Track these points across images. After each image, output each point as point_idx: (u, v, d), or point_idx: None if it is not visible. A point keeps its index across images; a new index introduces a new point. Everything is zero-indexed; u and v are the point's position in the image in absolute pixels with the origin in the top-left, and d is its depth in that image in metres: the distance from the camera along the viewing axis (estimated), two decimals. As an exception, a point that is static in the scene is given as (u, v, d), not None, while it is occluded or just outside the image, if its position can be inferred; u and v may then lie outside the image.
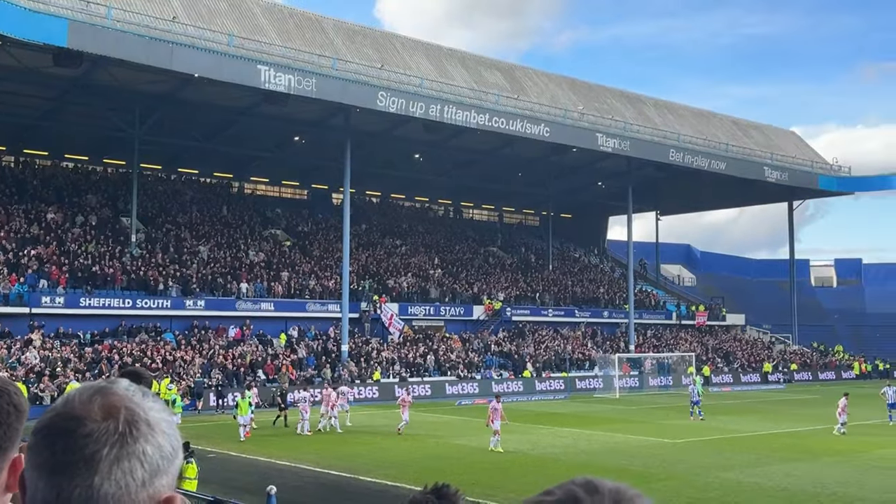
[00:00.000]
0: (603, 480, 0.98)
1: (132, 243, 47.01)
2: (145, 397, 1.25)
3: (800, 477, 21.45)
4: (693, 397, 36.36)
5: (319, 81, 41.91)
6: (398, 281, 55.17)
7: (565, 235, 75.75)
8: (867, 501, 18.34)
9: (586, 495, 0.94)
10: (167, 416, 1.26)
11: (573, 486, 0.96)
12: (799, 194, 69.69)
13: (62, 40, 34.67)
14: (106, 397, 1.21)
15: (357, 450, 26.23)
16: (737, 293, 78.43)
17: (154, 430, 1.21)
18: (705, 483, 20.60)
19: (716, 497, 18.96)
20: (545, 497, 0.96)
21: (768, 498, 18.79)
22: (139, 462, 1.18)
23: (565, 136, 52.23)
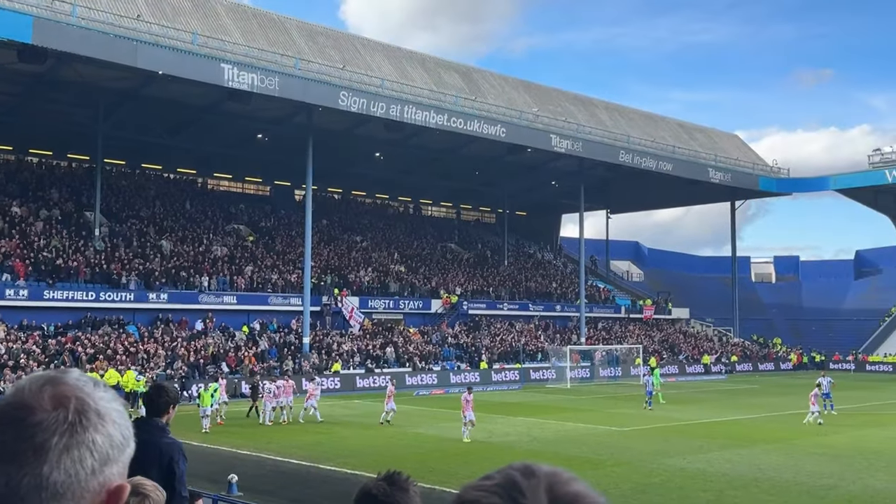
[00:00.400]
0: (540, 465, 0.99)
1: (96, 237, 46.16)
2: (96, 387, 1.24)
3: (739, 463, 21.85)
4: (648, 387, 36.62)
5: (282, 80, 41.57)
6: (358, 275, 54.97)
7: (520, 232, 76.21)
8: (802, 485, 18.75)
9: (523, 479, 0.96)
10: (118, 406, 1.24)
11: (511, 470, 0.98)
12: (741, 195, 70.93)
13: (27, 37, 33.94)
14: (56, 387, 1.19)
15: (317, 439, 26.11)
16: (682, 288, 79.60)
17: (104, 420, 1.19)
18: (650, 469, 20.88)
19: (660, 482, 19.24)
20: (484, 481, 0.97)
21: (709, 483, 19.12)
22: (88, 451, 1.16)
23: (520, 137, 52.51)
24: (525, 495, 0.94)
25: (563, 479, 0.96)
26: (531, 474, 0.96)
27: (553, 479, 0.96)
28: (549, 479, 0.96)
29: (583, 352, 56.27)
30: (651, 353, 59.51)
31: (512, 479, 0.95)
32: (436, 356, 50.74)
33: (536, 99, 59.19)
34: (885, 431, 28.29)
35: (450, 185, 68.17)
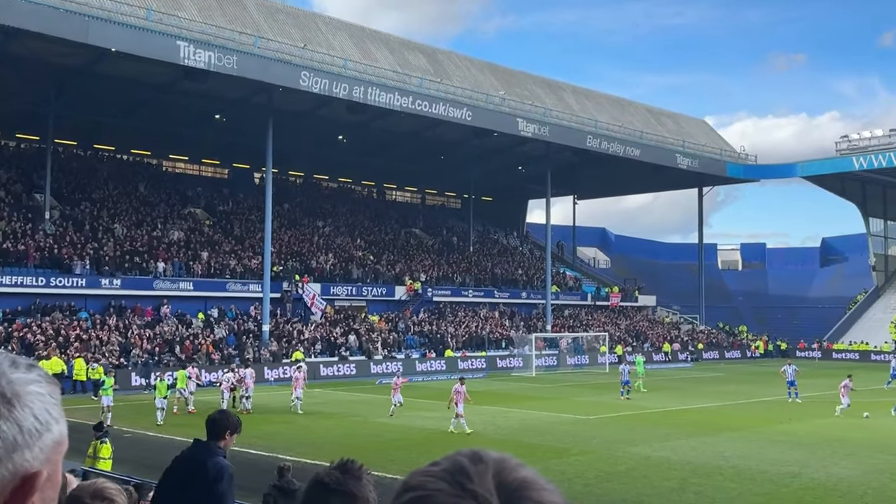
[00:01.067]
0: (488, 451, 0.99)
1: (46, 221, 45.28)
2: (14, 368, 1.18)
3: (704, 451, 22.15)
4: (624, 377, 36.28)
5: (241, 59, 41.04)
6: (320, 261, 54.65)
7: (486, 218, 76.28)
8: (766, 473, 19.05)
9: (471, 464, 0.96)
10: (37, 389, 1.19)
11: (459, 456, 0.99)
12: (708, 181, 71.68)
13: (-30, 9, 33.04)
14: None
15: (277, 428, 25.96)
16: (649, 275, 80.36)
17: (12, 405, 1.15)
18: (615, 457, 21.09)
19: (625, 470, 19.43)
20: (432, 467, 0.98)
21: (674, 471, 19.36)
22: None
23: (487, 121, 52.48)
24: (472, 480, 0.94)
25: (510, 466, 0.97)
26: (479, 460, 0.97)
27: (501, 465, 0.97)
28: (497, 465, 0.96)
29: (549, 339, 56.64)
30: (617, 341, 60.05)
31: (459, 465, 0.97)
32: (399, 344, 50.69)
33: (503, 82, 59.15)
34: (849, 420, 28.86)
35: (414, 170, 67.97)
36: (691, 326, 72.18)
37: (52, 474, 1.19)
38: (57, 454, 1.21)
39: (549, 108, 58.51)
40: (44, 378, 1.22)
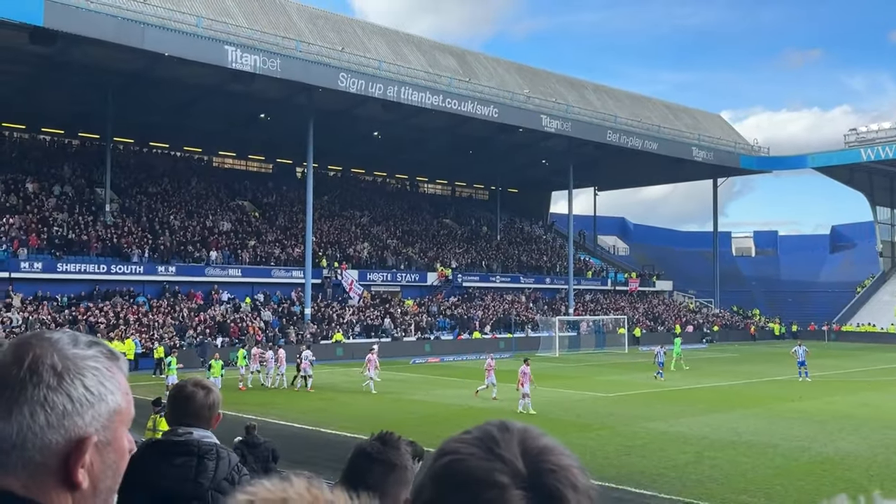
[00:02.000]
0: (514, 422, 1.07)
1: (106, 213, 46.07)
2: (73, 345, 1.24)
3: (718, 427, 22.10)
4: (659, 358, 35.24)
5: (284, 62, 41.36)
6: (357, 249, 55.02)
7: (512, 208, 76.24)
8: (777, 447, 19.01)
9: (499, 432, 1.03)
10: (93, 363, 1.23)
11: (488, 425, 1.06)
12: (722, 172, 70.96)
13: (38, 19, 33.67)
14: (23, 346, 1.22)
15: (320, 405, 26.31)
16: (666, 262, 79.84)
17: (62, 377, 1.20)
18: (634, 432, 21.12)
19: (642, 444, 19.47)
20: (465, 435, 1.05)
21: (689, 445, 19.37)
22: (40, 406, 1.17)
23: (512, 117, 52.41)
24: (500, 446, 1.01)
25: (534, 434, 1.04)
26: (506, 429, 1.04)
27: (525, 433, 1.04)
28: (522, 433, 1.03)
29: (571, 322, 56.57)
30: (636, 324, 59.84)
31: (489, 432, 1.03)
32: (431, 326, 50.96)
33: (528, 81, 58.94)
34: (855, 397, 28.60)
35: (445, 164, 68.07)
36: (706, 310, 71.64)
37: (111, 440, 1.24)
38: (116, 423, 1.25)
39: (571, 105, 58.22)
40: (103, 354, 1.26)
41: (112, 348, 1.30)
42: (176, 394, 3.42)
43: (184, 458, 3.16)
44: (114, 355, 1.28)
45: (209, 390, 3.41)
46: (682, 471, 16.59)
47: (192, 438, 3.22)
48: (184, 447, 3.19)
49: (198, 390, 3.37)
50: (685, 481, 15.58)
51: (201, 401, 3.35)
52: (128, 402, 1.28)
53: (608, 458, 17.85)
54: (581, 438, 19.89)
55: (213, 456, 3.21)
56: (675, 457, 17.99)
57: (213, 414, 3.39)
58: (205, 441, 3.25)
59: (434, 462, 1.04)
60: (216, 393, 3.45)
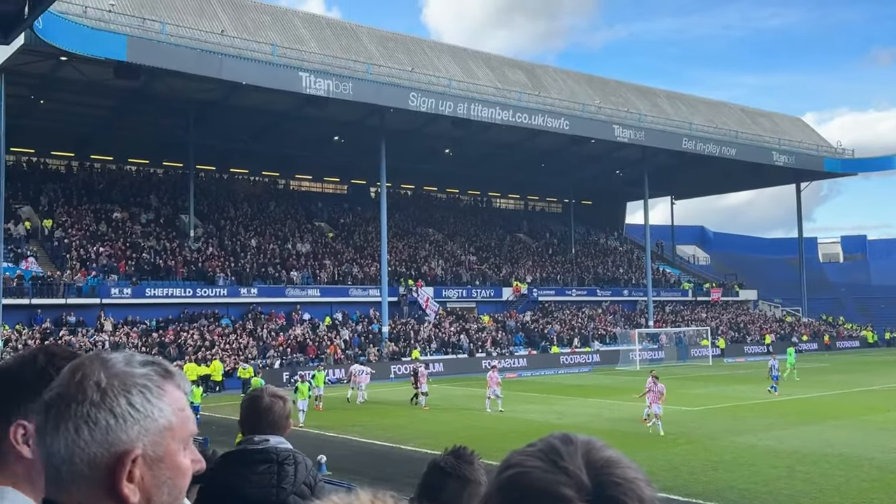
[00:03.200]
0: (577, 434, 1.06)
1: (190, 238, 47.68)
2: (127, 364, 1.28)
3: (809, 439, 21.30)
4: (773, 371, 33.46)
5: (355, 85, 42.15)
6: (432, 266, 55.37)
7: (586, 221, 75.48)
8: (872, 460, 18.19)
9: (563, 445, 1.03)
10: (142, 381, 1.27)
11: (551, 438, 1.06)
12: (805, 176, 68.74)
13: (122, 55, 35.24)
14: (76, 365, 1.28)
15: (398, 422, 26.49)
16: (749, 270, 77.57)
17: (105, 394, 1.24)
18: (721, 447, 20.54)
19: (730, 459, 18.92)
20: (528, 448, 1.05)
21: (780, 459, 18.72)
22: (83, 422, 1.22)
23: (584, 129, 52.02)
24: (564, 458, 1.01)
25: (597, 446, 1.03)
26: (569, 441, 1.04)
27: (589, 446, 1.03)
28: (586, 445, 1.03)
29: (651, 335, 55.48)
30: (720, 335, 58.31)
31: (552, 445, 1.03)
32: (508, 342, 50.78)
33: (598, 91, 58.46)
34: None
35: (517, 178, 67.97)
36: (794, 319, 69.24)
37: (163, 456, 1.26)
38: (167, 439, 1.27)
39: (643, 114, 57.43)
40: (156, 373, 1.29)
41: (168, 366, 1.33)
42: (252, 404, 3.47)
43: (265, 466, 3.25)
44: (168, 373, 1.31)
45: (285, 400, 3.51)
46: (773, 486, 16.04)
47: (270, 446, 3.31)
48: (264, 454, 3.28)
49: (276, 401, 3.45)
50: (777, 497, 15.05)
51: (279, 411, 3.43)
52: (181, 419, 1.29)
53: (694, 473, 17.40)
54: (665, 454, 19.46)
55: (292, 461, 3.29)
56: (765, 471, 17.40)
57: (289, 423, 3.49)
58: (282, 447, 3.34)
59: (498, 475, 1.04)
60: (289, 402, 3.56)
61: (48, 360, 1.59)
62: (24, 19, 19.08)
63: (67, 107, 45.25)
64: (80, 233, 44.38)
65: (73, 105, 44.97)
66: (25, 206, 45.91)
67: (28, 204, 46.17)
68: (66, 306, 39.30)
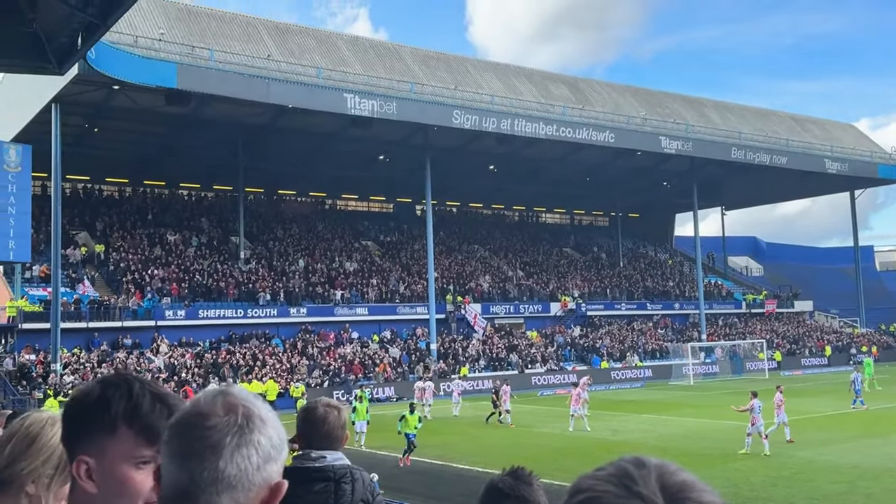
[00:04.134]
0: (650, 457, 1.05)
1: (241, 259, 48.50)
2: (256, 399, 1.40)
3: (871, 453, 20.69)
4: (857, 385, 32.20)
5: (400, 105, 42.54)
6: (479, 282, 55.34)
7: (634, 233, 74.72)
8: (940, 476, 17.59)
9: (635, 469, 1.01)
10: (274, 415, 1.39)
11: (623, 462, 1.04)
12: (859, 183, 67.08)
13: (172, 82, 36.17)
14: (226, 397, 1.36)
15: (449, 440, 26.46)
16: (804, 281, 75.80)
17: (266, 424, 1.35)
18: (780, 462, 20.08)
19: (790, 475, 18.48)
20: (599, 472, 1.04)
21: (841, 474, 18.22)
22: (255, 449, 1.31)
23: (629, 141, 51.63)
24: (637, 483, 0.99)
25: (671, 470, 1.01)
26: (642, 465, 1.02)
27: (662, 469, 1.01)
28: (659, 469, 1.01)
29: (704, 348, 54.53)
30: (775, 348, 57.05)
31: (624, 469, 1.01)
32: (557, 357, 50.40)
33: (644, 103, 57.99)
34: None
35: (562, 192, 67.67)
36: (851, 330, 67.40)
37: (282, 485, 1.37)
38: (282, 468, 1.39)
39: (690, 124, 56.75)
40: (272, 409, 1.41)
41: None
42: (308, 416, 3.47)
43: (322, 484, 3.26)
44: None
45: (340, 410, 3.52)
46: (834, 502, 15.62)
47: (327, 463, 3.32)
48: (321, 473, 3.29)
49: (331, 411, 3.46)
50: (838, 514, 14.64)
51: (334, 421, 3.43)
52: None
53: (754, 489, 17.04)
54: (722, 470, 19.10)
55: (349, 479, 3.30)
56: (826, 487, 16.96)
57: (344, 434, 3.49)
58: (338, 464, 3.34)
59: (569, 500, 1.02)
60: (344, 412, 3.56)
61: (103, 388, 1.65)
62: (77, 50, 19.74)
63: (120, 134, 46.53)
64: (135, 256, 45.47)
65: (126, 132, 46.24)
66: (81, 231, 47.25)
67: (84, 230, 47.51)
68: (122, 329, 40.26)
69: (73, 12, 17.89)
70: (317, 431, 3.40)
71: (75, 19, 18.27)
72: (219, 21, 42.48)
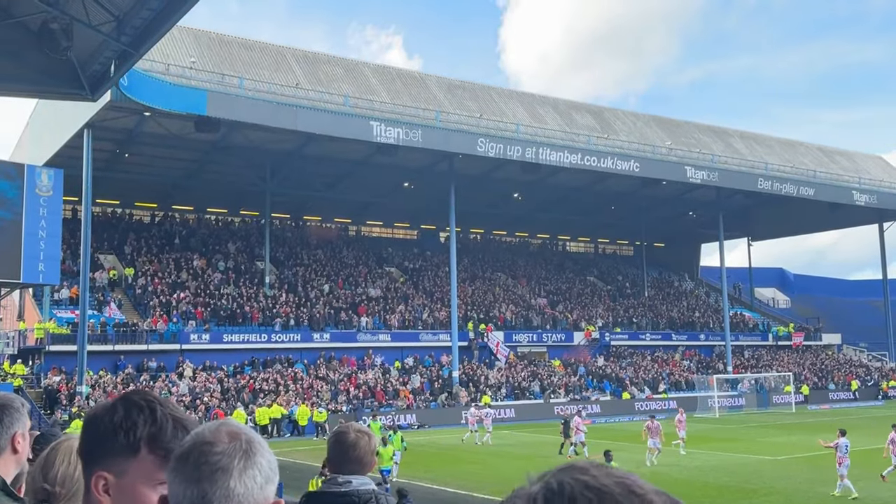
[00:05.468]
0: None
1: (266, 284, 48.80)
2: (250, 428, 1.57)
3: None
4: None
5: (425, 132, 42.85)
6: (502, 310, 55.18)
7: (659, 263, 74.24)
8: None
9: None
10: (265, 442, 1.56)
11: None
12: (889, 216, 66.26)
13: (202, 109, 36.74)
14: (228, 427, 1.53)
15: (469, 468, 26.26)
16: (832, 313, 74.71)
17: (264, 449, 1.53)
18: (806, 498, 19.70)
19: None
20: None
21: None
22: (258, 470, 1.48)
23: (655, 171, 51.51)
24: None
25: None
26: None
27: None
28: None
29: (730, 380, 53.76)
30: (803, 381, 56.16)
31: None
32: (580, 387, 49.95)
33: (669, 133, 57.93)
34: None
35: (587, 221, 67.54)
36: (881, 364, 66.19)
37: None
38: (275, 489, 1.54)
39: (717, 154, 56.56)
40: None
41: None
42: (340, 440, 3.52)
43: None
44: None
45: (370, 436, 3.58)
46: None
47: (353, 488, 3.36)
48: (346, 498, 3.33)
49: (361, 436, 3.52)
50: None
51: (364, 447, 3.50)
52: None
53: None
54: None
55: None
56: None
57: (374, 459, 3.56)
58: (363, 489, 3.37)
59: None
60: (375, 439, 3.62)
61: (127, 409, 1.72)
62: (110, 77, 20.20)
63: (150, 160, 47.28)
64: (162, 280, 45.93)
65: (155, 158, 46.98)
66: (110, 255, 47.88)
67: (112, 253, 48.15)
68: (148, 352, 40.58)
69: (106, 41, 18.32)
70: (347, 457, 3.47)
71: (109, 47, 18.71)
72: (249, 50, 43.23)
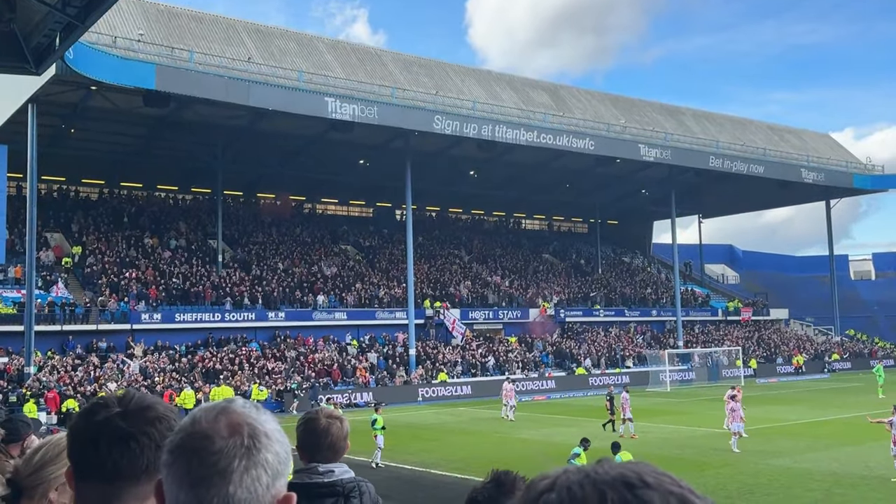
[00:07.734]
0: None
1: (219, 263, 48.11)
2: (259, 412, 1.34)
3: (846, 461, 20.89)
4: None
5: (381, 109, 42.48)
6: (458, 288, 55.31)
7: (613, 241, 75.13)
8: (914, 484, 17.77)
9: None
10: (278, 426, 1.34)
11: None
12: (835, 193, 67.96)
13: (151, 83, 35.84)
14: (229, 416, 1.31)
15: (426, 446, 26.37)
16: (779, 289, 76.60)
17: (271, 441, 1.31)
18: (756, 470, 20.21)
19: (766, 482, 18.60)
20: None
21: (816, 482, 18.37)
22: (263, 469, 1.27)
23: (609, 149, 51.93)
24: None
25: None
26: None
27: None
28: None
29: (681, 355, 54.86)
30: (751, 355, 57.53)
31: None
32: (535, 364, 50.47)
33: (623, 111, 58.40)
34: None
35: (542, 199, 67.92)
36: (826, 337, 68.17)
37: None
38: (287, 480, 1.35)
39: (669, 133, 57.24)
40: (276, 420, 1.37)
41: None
42: (311, 427, 3.34)
43: (331, 500, 3.20)
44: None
45: (342, 420, 3.40)
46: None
47: (336, 478, 3.24)
48: (330, 488, 3.22)
49: (333, 422, 3.34)
50: (814, 521, 14.74)
51: (337, 433, 3.33)
52: None
53: (730, 497, 17.13)
54: (699, 477, 19.17)
55: (357, 493, 3.25)
56: (802, 495, 17.09)
57: (346, 444, 3.39)
58: (346, 478, 3.27)
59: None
60: (346, 422, 3.44)
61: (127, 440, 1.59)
62: (55, 50, 19.51)
63: (97, 135, 46.04)
64: (111, 259, 44.96)
65: (103, 133, 45.75)
66: (56, 233, 46.65)
67: (59, 231, 46.92)
68: (97, 332, 39.76)
69: (51, 12, 17.66)
70: (319, 444, 3.30)
71: (54, 19, 18.05)
72: (199, 22, 42.24)
